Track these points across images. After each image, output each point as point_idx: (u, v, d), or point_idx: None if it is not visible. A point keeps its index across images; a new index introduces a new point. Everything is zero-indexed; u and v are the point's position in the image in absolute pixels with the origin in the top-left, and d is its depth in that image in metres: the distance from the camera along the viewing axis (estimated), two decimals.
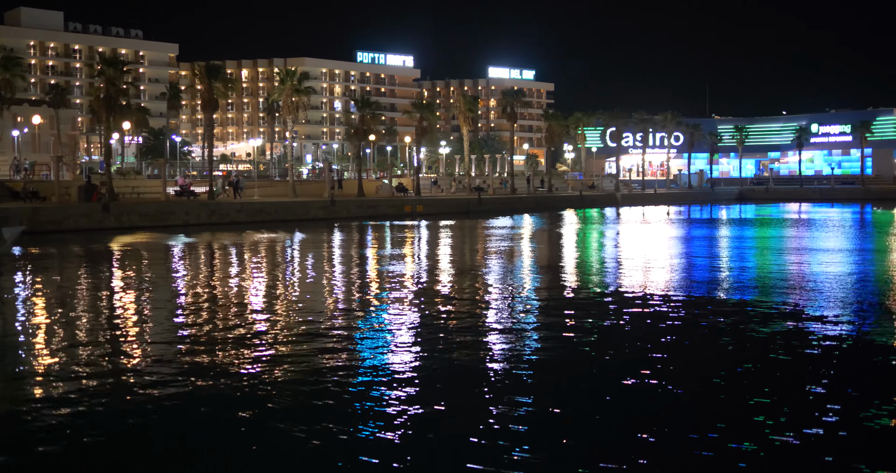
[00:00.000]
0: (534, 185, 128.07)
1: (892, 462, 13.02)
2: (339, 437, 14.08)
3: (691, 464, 12.91)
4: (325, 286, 32.63)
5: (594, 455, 13.31)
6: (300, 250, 48.82)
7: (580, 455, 13.30)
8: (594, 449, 13.56)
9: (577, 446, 13.72)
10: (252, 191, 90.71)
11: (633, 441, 13.82)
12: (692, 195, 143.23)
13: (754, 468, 12.70)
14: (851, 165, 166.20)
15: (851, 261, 39.70)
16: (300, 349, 20.39)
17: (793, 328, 22.69)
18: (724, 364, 18.78)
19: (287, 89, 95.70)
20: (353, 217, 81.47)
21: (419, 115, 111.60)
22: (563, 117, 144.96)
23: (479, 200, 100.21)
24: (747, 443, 13.57)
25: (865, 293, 28.92)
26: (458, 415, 15.23)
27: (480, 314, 25.52)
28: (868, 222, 78.44)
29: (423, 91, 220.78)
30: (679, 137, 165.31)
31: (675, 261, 40.72)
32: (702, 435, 14.02)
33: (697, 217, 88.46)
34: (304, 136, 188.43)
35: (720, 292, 29.76)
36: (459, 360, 19.25)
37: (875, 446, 13.60)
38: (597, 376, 18.04)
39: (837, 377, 17.56)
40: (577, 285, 32.11)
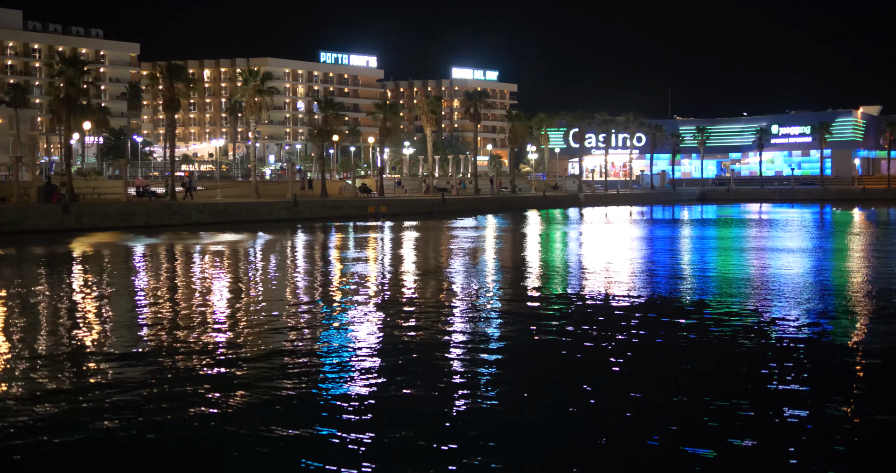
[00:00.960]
0: (497, 185, 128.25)
1: (851, 462, 13.17)
2: (299, 440, 14.02)
3: (647, 467, 12.98)
4: (286, 289, 32.48)
5: (550, 456, 13.35)
6: (262, 252, 48.57)
7: (538, 457, 13.34)
8: (550, 450, 13.60)
9: (533, 448, 13.76)
10: (214, 192, 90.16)
11: (592, 443, 13.88)
12: (654, 196, 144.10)
13: (712, 471, 12.80)
14: (811, 165, 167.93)
15: (811, 261, 40.09)
16: (260, 354, 20.27)
17: (753, 328, 22.88)
18: (683, 365, 18.91)
19: (250, 89, 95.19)
20: (317, 218, 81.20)
21: (383, 115, 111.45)
22: (527, 118, 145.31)
23: (442, 200, 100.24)
24: (705, 447, 13.66)
25: (824, 293, 29.22)
26: (421, 416, 15.22)
27: (442, 316, 25.52)
28: (827, 223, 79.29)
29: (386, 92, 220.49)
30: (641, 138, 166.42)
31: (637, 262, 40.90)
32: (660, 437, 14.10)
33: (660, 218, 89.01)
34: (267, 136, 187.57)
35: (681, 293, 29.95)
36: (421, 360, 19.23)
37: (835, 446, 13.73)
38: (556, 375, 18.07)
39: (796, 377, 17.71)
40: (540, 286, 32.17)
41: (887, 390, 16.86)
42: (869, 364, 18.94)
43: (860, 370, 18.48)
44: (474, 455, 13.26)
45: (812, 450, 13.51)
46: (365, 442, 13.86)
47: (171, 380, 17.73)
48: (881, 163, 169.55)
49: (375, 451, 13.51)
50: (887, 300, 27.51)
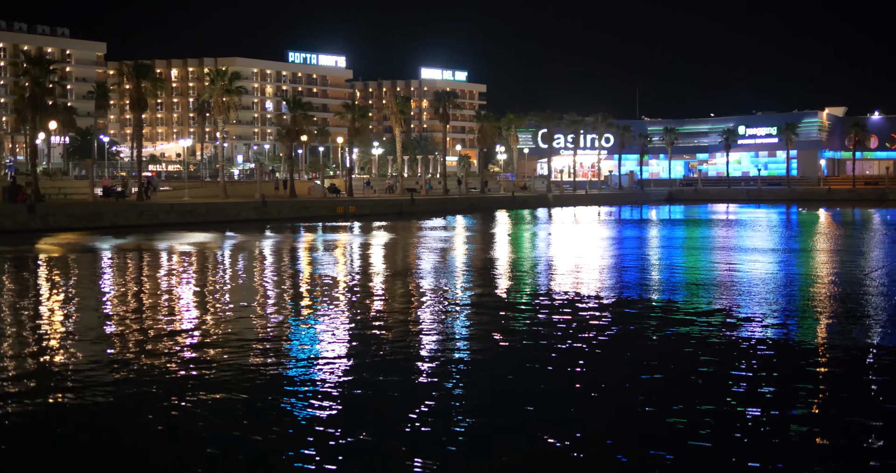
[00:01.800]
0: (466, 185, 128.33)
1: (812, 462, 13.28)
2: (260, 444, 13.99)
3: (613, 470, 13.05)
4: (251, 292, 32.32)
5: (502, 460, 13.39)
6: (230, 253, 48.32)
7: (506, 457, 13.37)
8: (521, 451, 13.63)
9: (504, 449, 13.79)
10: (182, 192, 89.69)
11: (549, 446, 13.92)
12: (622, 196, 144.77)
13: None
14: (777, 166, 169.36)
15: (777, 261, 40.39)
16: (227, 355, 20.17)
17: (718, 328, 23.00)
18: (648, 365, 18.99)
19: (218, 89, 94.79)
20: (286, 218, 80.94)
21: (351, 116, 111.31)
22: (496, 119, 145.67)
23: (411, 200, 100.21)
24: (664, 450, 13.74)
25: (790, 293, 29.46)
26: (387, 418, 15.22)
27: (410, 317, 25.52)
28: (794, 223, 79.94)
29: (355, 92, 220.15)
30: (610, 139, 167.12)
31: (605, 262, 41.03)
32: (618, 441, 14.18)
33: (628, 218, 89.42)
34: (236, 136, 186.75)
35: (648, 293, 30.07)
36: (388, 362, 19.21)
37: (798, 447, 13.85)
38: (524, 376, 18.10)
39: (760, 378, 17.83)
40: (508, 287, 32.21)
41: (849, 389, 17.02)
42: (832, 364, 19.10)
43: (823, 370, 18.63)
44: (439, 457, 13.27)
45: (773, 450, 13.62)
46: (333, 443, 13.83)
47: (128, 380, 17.62)
48: (846, 164, 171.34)
49: (344, 453, 13.49)
50: (850, 299, 27.76)
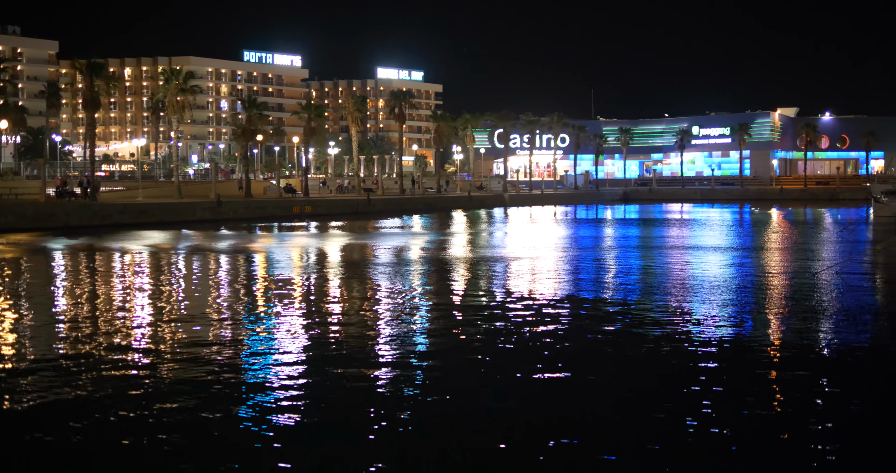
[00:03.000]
0: (420, 185, 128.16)
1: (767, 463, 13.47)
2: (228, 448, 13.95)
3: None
4: (207, 292, 32.15)
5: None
6: (184, 254, 47.97)
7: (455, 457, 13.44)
8: (472, 451, 13.71)
9: (453, 450, 13.86)
10: (136, 192, 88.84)
11: (504, 442, 14.01)
12: (578, 196, 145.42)
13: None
14: (731, 166, 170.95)
15: (730, 260, 40.81)
16: (181, 357, 20.08)
17: (672, 327, 23.22)
18: (604, 364, 19.15)
19: (172, 88, 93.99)
20: (241, 219, 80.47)
21: (307, 115, 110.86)
22: (452, 118, 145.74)
23: (368, 201, 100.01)
24: (615, 453, 13.87)
25: (744, 292, 29.79)
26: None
27: (367, 319, 25.53)
28: (747, 222, 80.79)
29: (311, 91, 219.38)
30: (565, 139, 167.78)
31: (560, 262, 41.21)
32: (558, 444, 14.29)
33: (584, 217, 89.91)
34: (190, 136, 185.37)
35: (603, 293, 30.28)
36: (341, 365, 19.21)
37: (748, 448, 14.03)
38: (479, 377, 18.17)
39: (713, 377, 18.05)
40: (465, 287, 32.26)
41: (799, 386, 17.26)
42: (785, 362, 19.36)
43: (776, 368, 18.87)
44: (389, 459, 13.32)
45: (725, 449, 13.80)
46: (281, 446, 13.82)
47: (78, 381, 17.48)
48: (798, 163, 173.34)
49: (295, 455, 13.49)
50: (800, 297, 28.12)
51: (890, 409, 15.72)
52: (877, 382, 17.55)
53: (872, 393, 16.70)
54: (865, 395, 16.55)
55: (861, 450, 13.62)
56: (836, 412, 15.43)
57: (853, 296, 28.41)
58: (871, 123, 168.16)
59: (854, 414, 15.32)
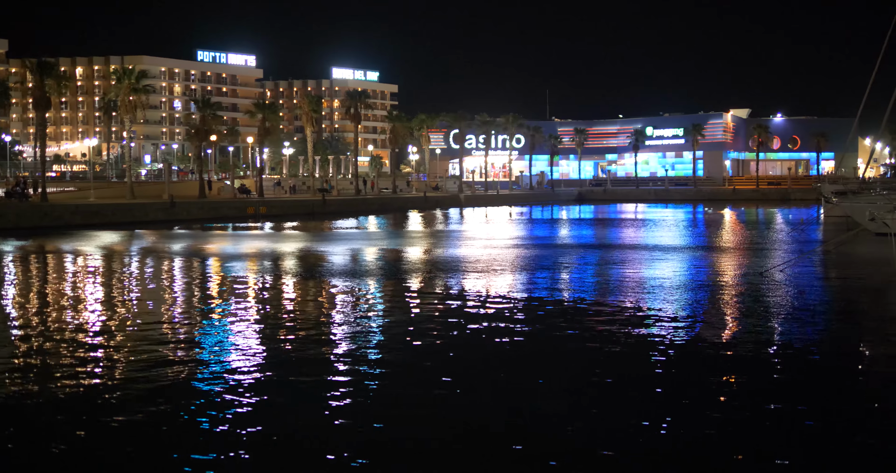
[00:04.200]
0: (373, 186, 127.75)
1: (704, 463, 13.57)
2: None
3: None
4: (159, 294, 31.86)
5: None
6: (137, 255, 47.50)
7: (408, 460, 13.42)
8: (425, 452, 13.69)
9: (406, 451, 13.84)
10: (88, 193, 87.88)
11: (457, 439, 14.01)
12: (534, 196, 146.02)
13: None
14: (684, 166, 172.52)
15: (683, 260, 41.12)
16: (134, 361, 19.89)
17: (628, 327, 23.36)
18: (559, 364, 19.22)
19: (124, 88, 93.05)
20: (195, 219, 79.89)
21: (262, 115, 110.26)
22: (408, 119, 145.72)
23: (323, 201, 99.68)
24: (544, 453, 13.90)
25: (694, 291, 30.03)
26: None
27: (319, 319, 25.43)
28: (700, 223, 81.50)
29: (265, 91, 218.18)
30: (521, 140, 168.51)
31: (516, 261, 41.26)
32: (499, 446, 14.31)
33: (539, 217, 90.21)
34: (143, 136, 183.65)
35: (558, 293, 30.38)
36: (297, 361, 19.12)
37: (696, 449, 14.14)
38: (433, 378, 18.17)
39: (667, 377, 18.18)
40: (419, 287, 32.22)
41: (756, 386, 17.43)
42: (737, 360, 19.53)
43: (721, 365, 19.04)
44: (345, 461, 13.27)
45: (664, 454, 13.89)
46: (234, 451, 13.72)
47: (28, 383, 17.26)
48: (750, 164, 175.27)
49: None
50: (749, 296, 28.40)
51: (833, 406, 15.92)
52: (819, 377, 17.76)
53: (814, 389, 16.90)
54: (807, 390, 16.75)
55: (807, 443, 13.78)
56: (777, 408, 15.60)
57: (798, 294, 28.74)
58: (822, 125, 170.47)
59: (795, 409, 15.50)
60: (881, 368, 18.82)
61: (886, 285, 31.46)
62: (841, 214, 59.45)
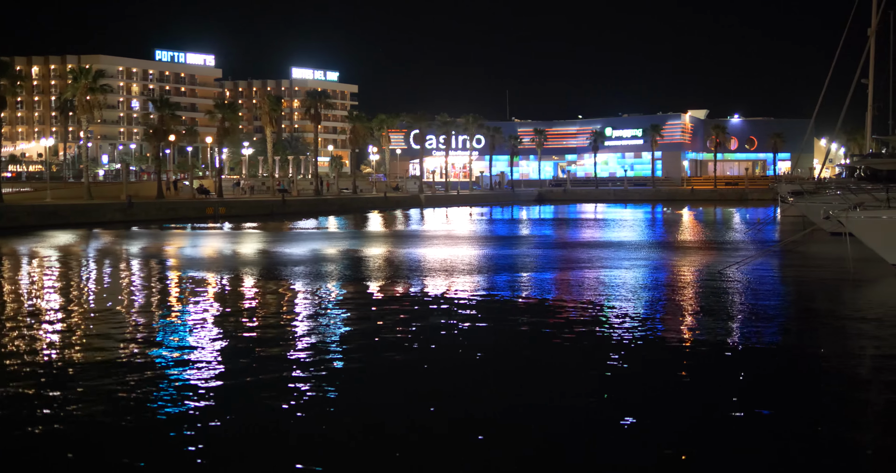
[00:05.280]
0: (328, 186, 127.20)
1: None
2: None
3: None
4: (115, 295, 31.60)
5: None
6: (93, 256, 47.06)
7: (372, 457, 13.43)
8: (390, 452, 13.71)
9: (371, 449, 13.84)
10: (44, 193, 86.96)
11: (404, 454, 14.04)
12: (494, 196, 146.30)
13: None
14: (643, 167, 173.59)
15: (642, 260, 41.37)
16: (90, 364, 19.73)
17: (585, 326, 23.49)
18: (520, 363, 19.30)
19: (81, 88, 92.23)
20: (153, 220, 79.30)
21: (221, 115, 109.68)
22: (368, 119, 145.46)
23: (283, 201, 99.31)
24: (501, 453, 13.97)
25: (653, 290, 30.27)
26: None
27: (280, 321, 25.35)
28: (659, 222, 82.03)
29: (224, 91, 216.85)
30: (481, 140, 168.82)
31: (476, 261, 41.33)
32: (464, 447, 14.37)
33: (499, 218, 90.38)
34: (100, 136, 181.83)
35: (519, 293, 30.46)
36: (260, 360, 19.05)
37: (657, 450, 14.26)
38: (393, 377, 18.18)
39: (623, 375, 18.31)
40: (382, 287, 32.16)
41: (710, 384, 17.60)
42: (696, 358, 19.72)
43: (683, 363, 19.21)
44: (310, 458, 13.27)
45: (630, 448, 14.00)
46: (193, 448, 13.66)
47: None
48: (708, 164, 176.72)
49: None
50: (706, 295, 28.66)
51: (786, 403, 16.12)
52: (773, 372, 17.98)
53: (769, 383, 17.11)
54: (761, 384, 16.96)
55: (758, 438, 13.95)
56: (734, 403, 15.77)
57: (754, 292, 29.05)
58: (778, 126, 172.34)
59: (751, 404, 15.68)
60: (833, 363, 19.05)
61: (840, 283, 31.88)
62: (797, 213, 60.13)
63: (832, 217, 37.72)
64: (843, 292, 30.40)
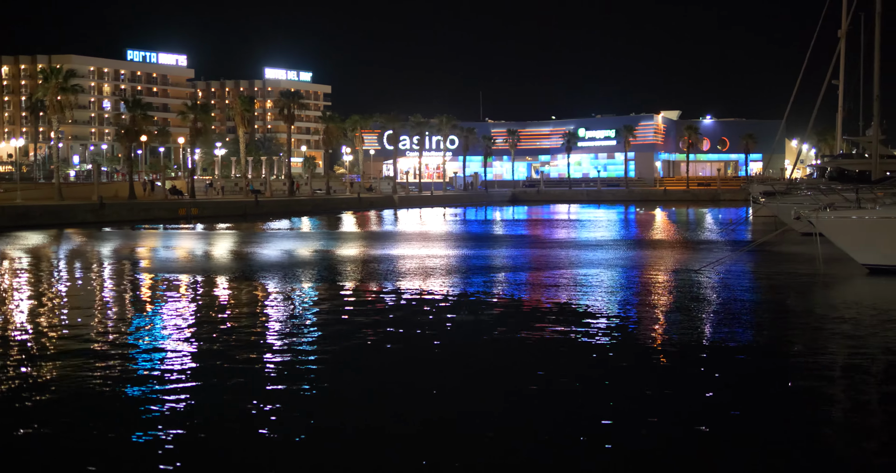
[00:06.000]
0: (298, 187, 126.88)
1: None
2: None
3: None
4: (85, 297, 31.38)
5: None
6: (63, 257, 46.72)
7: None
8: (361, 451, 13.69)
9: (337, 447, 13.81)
10: (14, 194, 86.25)
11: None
12: (467, 197, 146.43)
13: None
14: (616, 167, 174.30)
15: (614, 260, 41.50)
16: (63, 365, 19.58)
17: (560, 325, 23.53)
18: (494, 363, 19.32)
19: (52, 88, 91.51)
20: (125, 221, 78.84)
21: (193, 115, 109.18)
22: (341, 120, 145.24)
23: (256, 202, 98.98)
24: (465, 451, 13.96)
25: (626, 290, 30.39)
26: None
27: (252, 322, 25.26)
28: (632, 223, 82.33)
29: (197, 91, 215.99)
30: (454, 141, 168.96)
31: (450, 261, 41.34)
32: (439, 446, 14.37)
33: (473, 218, 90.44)
34: (71, 136, 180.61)
35: (493, 290, 30.49)
36: (233, 360, 18.97)
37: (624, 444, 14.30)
38: (369, 378, 18.16)
39: (593, 372, 18.37)
40: (355, 286, 32.10)
41: (683, 382, 17.68)
42: (668, 358, 19.80)
43: (658, 362, 19.29)
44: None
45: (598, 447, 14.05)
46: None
47: None
48: (681, 165, 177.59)
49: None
50: (679, 294, 28.79)
51: (760, 397, 16.22)
52: (746, 370, 18.09)
53: (743, 385, 17.22)
54: (734, 383, 17.07)
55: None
56: (708, 401, 15.86)
57: (727, 292, 29.24)
58: (750, 126, 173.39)
59: (724, 401, 15.77)
60: (803, 362, 19.17)
61: (810, 283, 32.12)
62: (769, 214, 60.47)
63: (802, 218, 37.97)
64: (814, 292, 30.62)
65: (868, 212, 34.02)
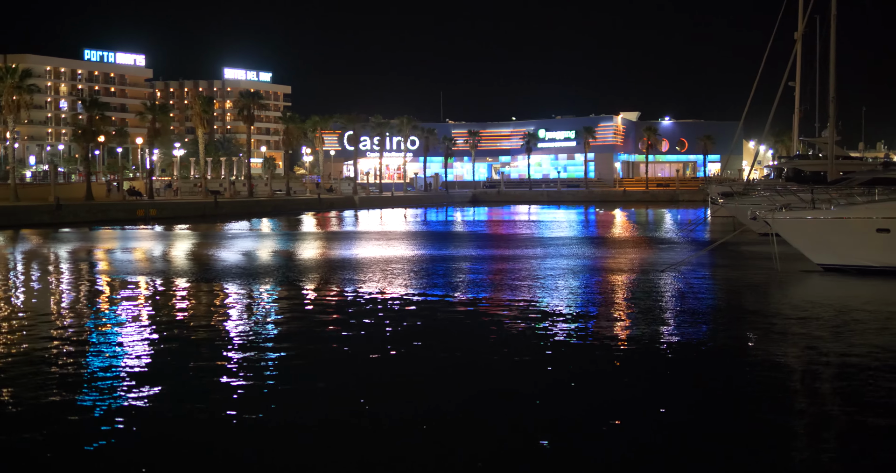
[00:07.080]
0: (250, 187, 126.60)
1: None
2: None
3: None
4: (40, 299, 31.05)
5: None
6: (19, 259, 46.17)
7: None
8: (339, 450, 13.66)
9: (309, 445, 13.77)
10: None
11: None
12: (428, 198, 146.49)
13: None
14: (576, 168, 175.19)
15: (573, 260, 41.68)
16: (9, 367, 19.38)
17: (524, 324, 23.60)
18: (462, 363, 19.34)
19: (7, 87, 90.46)
20: (82, 222, 78.03)
21: (152, 116, 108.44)
22: (301, 120, 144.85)
23: (215, 203, 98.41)
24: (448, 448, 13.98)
25: (589, 293, 30.53)
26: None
27: (212, 323, 25.11)
28: (592, 224, 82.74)
29: (155, 92, 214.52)
30: (415, 142, 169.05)
31: (410, 262, 41.32)
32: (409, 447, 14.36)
33: (434, 219, 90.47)
34: (28, 137, 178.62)
35: (455, 291, 30.51)
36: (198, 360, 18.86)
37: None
38: (333, 373, 18.12)
39: (555, 372, 18.44)
40: (315, 288, 32.02)
41: (651, 380, 17.80)
42: (626, 358, 19.93)
43: (612, 361, 19.40)
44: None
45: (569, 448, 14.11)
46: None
47: None
48: (640, 166, 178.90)
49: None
50: (638, 295, 28.98)
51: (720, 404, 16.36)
52: (706, 367, 18.25)
53: (709, 385, 17.37)
54: (696, 379, 17.21)
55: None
56: (669, 400, 15.98)
57: (683, 293, 29.48)
58: (708, 128, 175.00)
59: (688, 400, 15.90)
60: (760, 359, 19.36)
61: (767, 283, 32.47)
62: (727, 214, 61.02)
63: (759, 218, 38.39)
64: (770, 291, 30.92)
65: (822, 212, 34.46)
